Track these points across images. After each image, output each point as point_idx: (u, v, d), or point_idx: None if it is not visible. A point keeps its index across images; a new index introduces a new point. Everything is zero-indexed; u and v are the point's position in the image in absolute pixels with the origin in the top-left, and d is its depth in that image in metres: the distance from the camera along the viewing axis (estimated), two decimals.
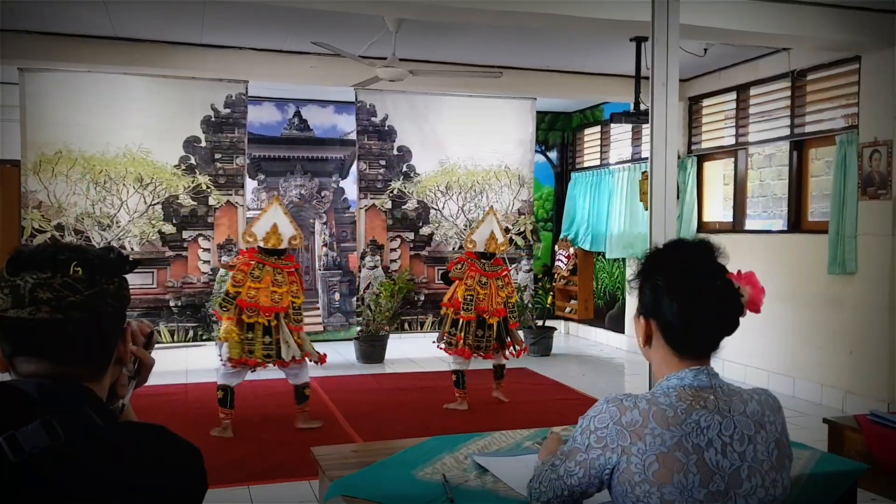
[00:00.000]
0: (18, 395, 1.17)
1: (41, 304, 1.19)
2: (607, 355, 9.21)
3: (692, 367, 1.71)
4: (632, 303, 9.13)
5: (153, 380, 4.93)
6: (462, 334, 6.18)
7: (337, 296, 9.63)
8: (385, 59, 6.42)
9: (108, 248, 1.37)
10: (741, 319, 1.74)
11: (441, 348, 6.37)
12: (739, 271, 1.75)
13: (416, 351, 8.96)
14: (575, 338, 10.47)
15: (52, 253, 1.25)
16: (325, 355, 5.73)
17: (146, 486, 1.18)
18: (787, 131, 7.10)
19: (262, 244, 5.56)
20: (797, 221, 7.09)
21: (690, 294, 1.70)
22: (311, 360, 5.64)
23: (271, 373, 7.79)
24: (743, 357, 7.18)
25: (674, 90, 3.51)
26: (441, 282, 7.20)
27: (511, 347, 6.38)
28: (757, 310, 1.75)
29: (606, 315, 9.94)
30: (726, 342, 1.77)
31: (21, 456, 1.09)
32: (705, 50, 6.99)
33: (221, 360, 5.60)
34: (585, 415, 1.71)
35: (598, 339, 10.03)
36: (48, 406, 1.16)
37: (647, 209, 7.61)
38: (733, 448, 1.62)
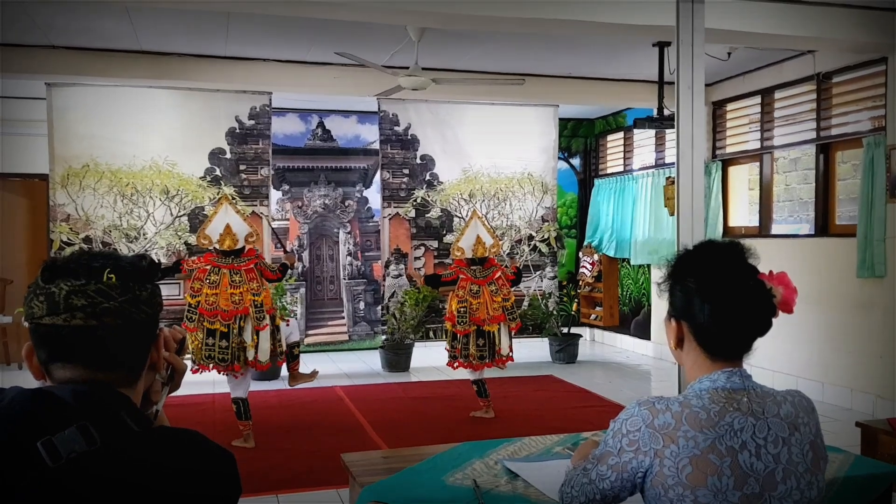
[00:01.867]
0: (55, 401, 1.18)
1: (76, 311, 1.21)
2: (633, 362, 9.15)
3: (725, 369, 1.69)
4: (658, 309, 9.07)
5: (181, 390, 4.94)
6: (461, 347, 6.13)
7: (362, 305, 9.65)
8: (407, 68, 6.44)
9: (141, 255, 1.38)
10: (772, 322, 1.73)
11: (448, 364, 6.33)
12: (771, 272, 1.74)
13: (441, 359, 8.90)
14: (601, 345, 10.41)
15: (86, 260, 1.26)
16: (283, 362, 5.68)
17: (181, 491, 1.19)
18: (812, 134, 7.03)
19: (217, 246, 5.49)
20: (824, 225, 7.01)
21: (722, 295, 1.68)
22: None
23: None
24: (772, 362, 7.10)
25: (700, 94, 3.49)
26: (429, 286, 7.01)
27: (498, 355, 6.22)
28: (790, 310, 1.74)
29: (632, 322, 9.88)
30: (756, 346, 1.75)
31: (58, 461, 1.10)
32: (729, 54, 6.95)
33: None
34: (617, 418, 1.70)
35: (624, 346, 9.97)
36: (84, 411, 1.17)
37: (671, 215, 7.58)
38: (767, 450, 1.60)
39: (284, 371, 8.09)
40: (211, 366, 5.33)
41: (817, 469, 1.66)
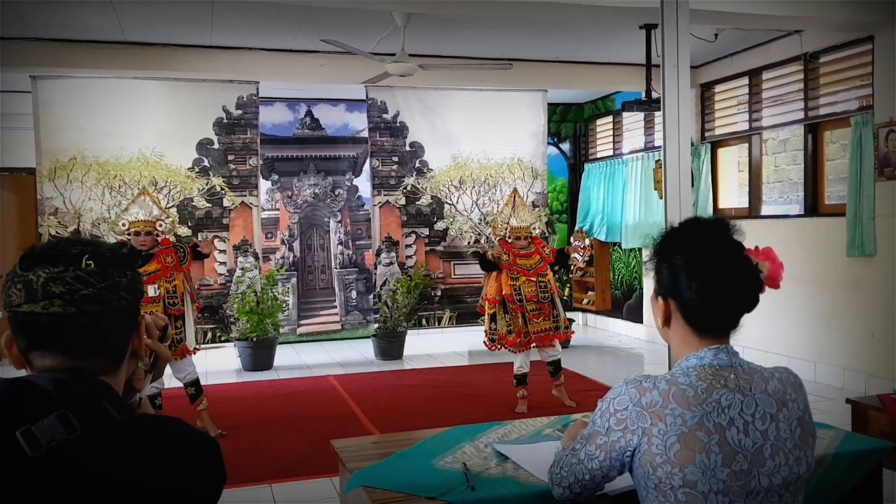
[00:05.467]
0: (34, 390, 1.17)
1: (54, 298, 1.19)
2: (626, 346, 9.17)
3: (712, 346, 1.69)
4: (650, 292, 9.09)
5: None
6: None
7: (354, 294, 9.64)
8: (394, 54, 6.41)
9: (121, 243, 1.37)
10: (761, 303, 1.72)
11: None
12: (757, 247, 1.73)
13: (434, 347, 8.97)
14: (593, 329, 10.43)
15: (64, 247, 1.25)
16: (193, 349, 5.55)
17: (165, 477, 1.17)
18: (801, 115, 7.03)
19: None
20: (814, 205, 7.03)
21: (709, 271, 1.68)
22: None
23: (286, 372, 7.84)
24: (763, 342, 7.12)
25: (685, 74, 3.48)
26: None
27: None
28: (776, 285, 1.73)
29: (624, 305, 9.90)
30: (748, 329, 1.75)
31: (38, 450, 1.09)
32: (716, 35, 6.94)
33: None
34: (605, 397, 1.70)
35: (617, 330, 10.00)
36: (64, 400, 1.15)
37: (661, 198, 7.58)
38: (755, 427, 1.60)
39: (277, 362, 8.14)
40: None
41: (805, 445, 1.66)
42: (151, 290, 5.34)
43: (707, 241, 1.72)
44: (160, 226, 5.49)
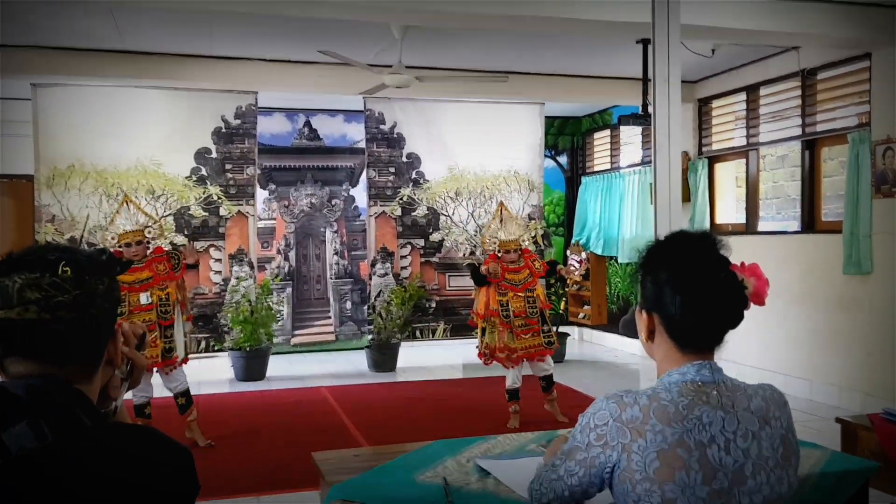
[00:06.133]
0: (6, 397, 1.16)
1: (29, 304, 1.18)
2: (622, 361, 9.14)
3: (695, 362, 1.67)
4: None
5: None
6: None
7: (349, 304, 9.63)
8: (391, 66, 6.42)
9: (101, 250, 1.36)
10: (756, 320, 1.70)
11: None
12: (743, 263, 1.72)
13: (428, 359, 8.94)
14: (589, 343, 10.41)
15: (42, 253, 1.25)
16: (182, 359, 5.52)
17: (135, 487, 1.16)
18: (798, 131, 7.04)
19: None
20: (811, 222, 7.02)
21: (694, 286, 1.66)
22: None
23: (279, 383, 7.81)
24: (758, 360, 7.10)
25: (676, 89, 3.49)
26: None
27: None
28: (761, 302, 1.72)
29: (620, 320, 9.87)
30: (743, 345, 1.74)
31: (7, 457, 1.08)
32: (713, 50, 6.95)
33: None
34: (585, 412, 1.68)
35: (613, 345, 9.97)
36: (36, 407, 1.15)
37: None
38: (737, 444, 1.58)
39: (270, 372, 8.11)
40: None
41: (788, 464, 1.64)
42: (144, 298, 5.32)
43: (692, 256, 1.70)
44: (149, 232, 5.47)
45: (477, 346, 6.11)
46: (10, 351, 1.22)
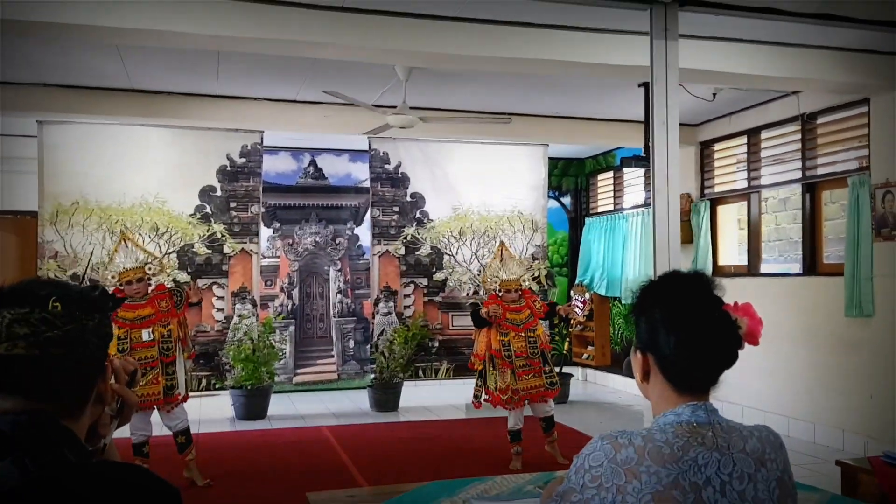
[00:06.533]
0: None
1: (18, 340, 1.18)
2: (625, 402, 9.08)
3: (690, 403, 1.66)
4: None
5: (165, 430, 4.86)
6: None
7: (352, 343, 9.60)
8: (395, 107, 6.49)
9: (93, 286, 1.36)
10: (759, 362, 1.70)
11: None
12: (736, 303, 1.71)
13: (430, 399, 8.88)
14: (592, 384, 10.34)
15: (31, 288, 1.24)
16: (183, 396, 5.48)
17: None
18: (798, 174, 7.07)
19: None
20: (812, 264, 7.02)
21: (687, 326, 1.66)
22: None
23: (280, 422, 7.76)
24: (761, 402, 7.04)
25: (674, 130, 3.51)
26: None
27: None
28: (755, 342, 1.71)
29: (624, 361, 9.82)
30: (745, 388, 1.73)
31: None
32: (714, 94, 7.01)
33: None
34: (580, 453, 1.67)
35: (616, 386, 9.90)
36: (22, 443, 1.14)
37: None
38: (732, 487, 1.56)
39: (271, 411, 8.06)
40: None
41: None
42: (146, 335, 5.31)
43: (686, 295, 1.70)
44: (149, 269, 5.48)
45: (475, 388, 6.07)
46: None
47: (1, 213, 8.77)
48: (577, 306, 10.15)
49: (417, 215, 8.81)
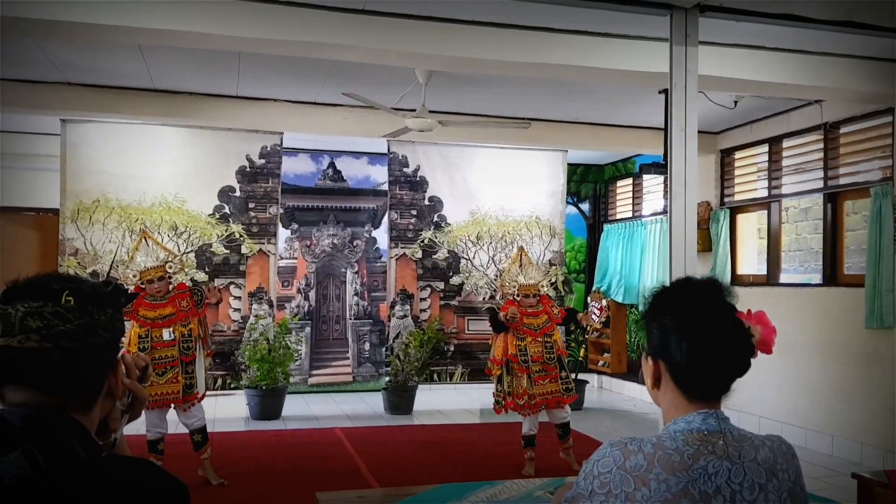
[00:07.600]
0: (2, 425, 1.16)
1: (30, 333, 1.19)
2: (641, 409, 9.02)
3: (701, 411, 1.64)
4: None
5: (180, 427, 4.90)
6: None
7: (367, 346, 9.62)
8: (415, 110, 6.49)
9: (106, 281, 1.37)
10: (777, 373, 1.68)
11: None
12: (749, 310, 1.69)
13: (445, 403, 8.87)
14: (608, 392, 10.29)
15: (45, 282, 1.25)
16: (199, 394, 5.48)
17: None
18: (820, 184, 7.01)
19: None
20: (833, 275, 6.95)
21: (699, 332, 1.64)
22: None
23: (294, 423, 7.78)
24: (779, 413, 6.97)
25: (692, 138, 3.49)
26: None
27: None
28: (768, 350, 1.69)
29: (640, 369, 9.76)
30: (764, 399, 1.71)
31: (0, 485, 1.08)
32: (735, 102, 6.96)
33: None
34: (589, 459, 1.66)
35: (632, 394, 9.84)
36: (32, 436, 1.15)
37: None
38: (743, 497, 1.55)
39: (285, 411, 8.09)
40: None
41: None
42: (167, 334, 5.34)
43: (698, 302, 1.68)
44: (170, 267, 5.51)
45: (493, 394, 6.06)
46: (9, 379, 1.21)
47: (23, 209, 8.87)
48: (594, 313, 10.11)
49: (435, 219, 8.82)
